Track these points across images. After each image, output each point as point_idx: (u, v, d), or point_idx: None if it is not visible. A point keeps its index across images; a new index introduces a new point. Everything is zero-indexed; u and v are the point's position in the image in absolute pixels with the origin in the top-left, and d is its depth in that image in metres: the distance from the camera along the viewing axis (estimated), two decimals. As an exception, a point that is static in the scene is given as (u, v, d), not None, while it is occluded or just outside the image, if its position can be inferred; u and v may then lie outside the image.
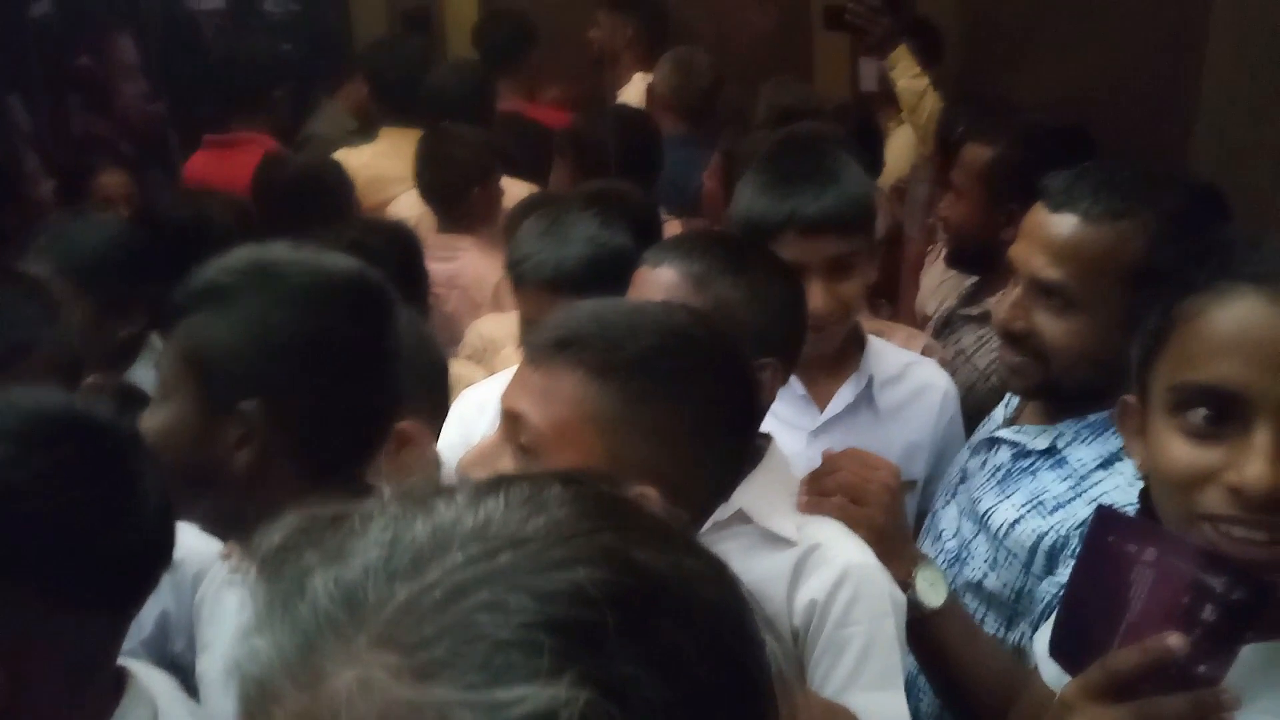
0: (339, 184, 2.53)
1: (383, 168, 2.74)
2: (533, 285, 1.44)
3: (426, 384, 1.42)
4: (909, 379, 1.45)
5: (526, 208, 1.95)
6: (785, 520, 1.06)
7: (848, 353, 1.42)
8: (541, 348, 0.87)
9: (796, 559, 1.03)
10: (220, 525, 1.01)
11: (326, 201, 2.48)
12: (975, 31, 3.20)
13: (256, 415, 0.88)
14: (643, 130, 2.49)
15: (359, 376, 0.93)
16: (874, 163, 2.63)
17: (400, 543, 0.40)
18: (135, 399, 1.31)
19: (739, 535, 1.04)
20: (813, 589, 1.02)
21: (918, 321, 2.15)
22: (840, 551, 1.04)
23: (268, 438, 0.89)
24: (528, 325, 1.49)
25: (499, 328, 1.96)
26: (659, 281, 1.13)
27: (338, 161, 2.65)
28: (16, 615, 0.70)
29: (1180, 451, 0.72)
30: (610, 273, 1.40)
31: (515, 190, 2.58)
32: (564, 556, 0.40)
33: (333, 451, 0.94)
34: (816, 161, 1.40)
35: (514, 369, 1.59)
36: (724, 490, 0.96)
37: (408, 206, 2.57)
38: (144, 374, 1.64)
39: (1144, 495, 0.85)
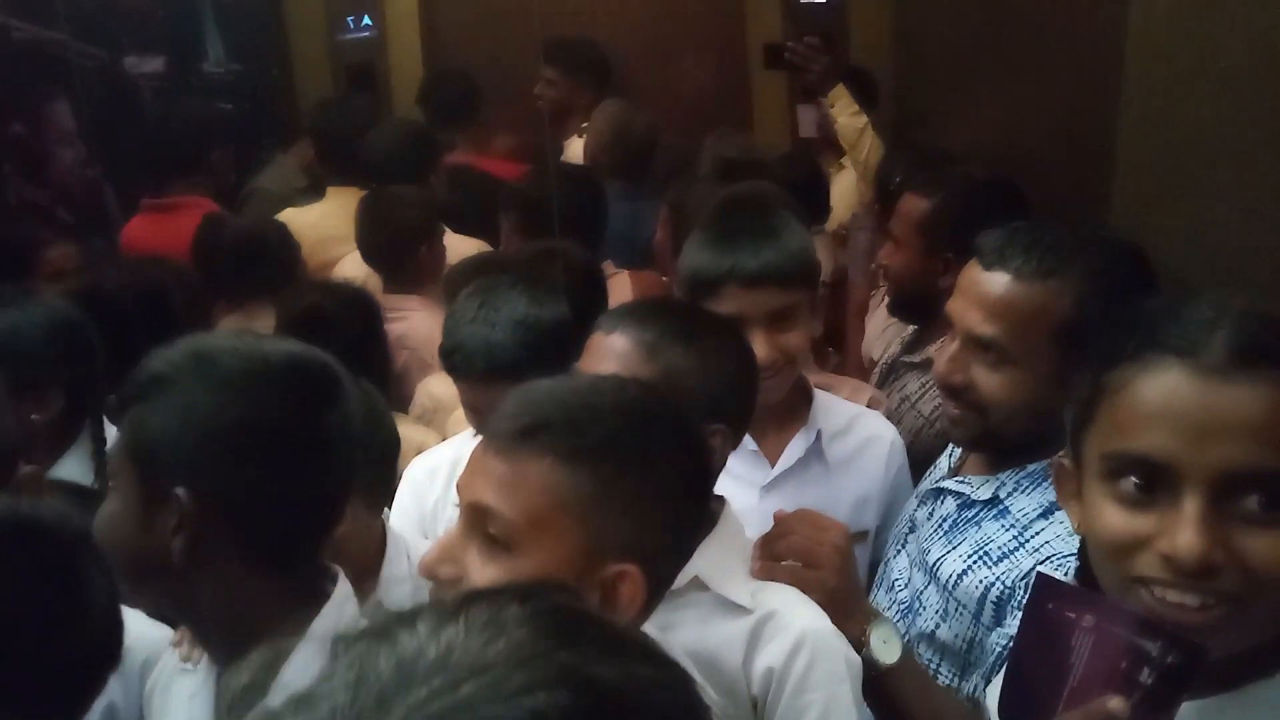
0: (285, 245, 2.52)
1: (330, 227, 2.72)
2: (467, 377, 1.45)
3: (376, 458, 1.41)
4: (856, 431, 1.48)
5: (466, 272, 1.96)
6: (740, 587, 1.07)
7: (796, 407, 1.45)
8: (505, 437, 0.87)
9: (752, 626, 1.05)
10: (170, 613, 1.00)
11: (272, 263, 2.46)
12: (907, 80, 3.30)
13: (187, 502, 0.88)
14: (587, 187, 2.51)
15: (298, 461, 0.93)
16: (820, 209, 2.70)
17: (365, 682, 0.41)
18: (69, 492, 1.28)
19: (696, 603, 1.06)
20: (770, 656, 1.03)
21: (865, 366, 2.20)
22: (796, 618, 1.05)
23: (201, 524, 0.89)
24: (471, 411, 1.48)
25: (448, 388, 1.95)
26: (611, 349, 1.14)
27: (282, 222, 2.63)
28: None
29: (1113, 518, 0.75)
30: (545, 350, 1.43)
31: (462, 246, 2.58)
32: (523, 682, 0.41)
33: (278, 537, 0.94)
34: (757, 218, 1.44)
35: (465, 435, 1.61)
36: (686, 556, 0.97)
37: (353, 267, 2.56)
38: (74, 466, 1.58)
39: (1083, 550, 0.88)
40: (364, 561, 1.26)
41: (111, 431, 1.63)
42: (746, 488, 1.37)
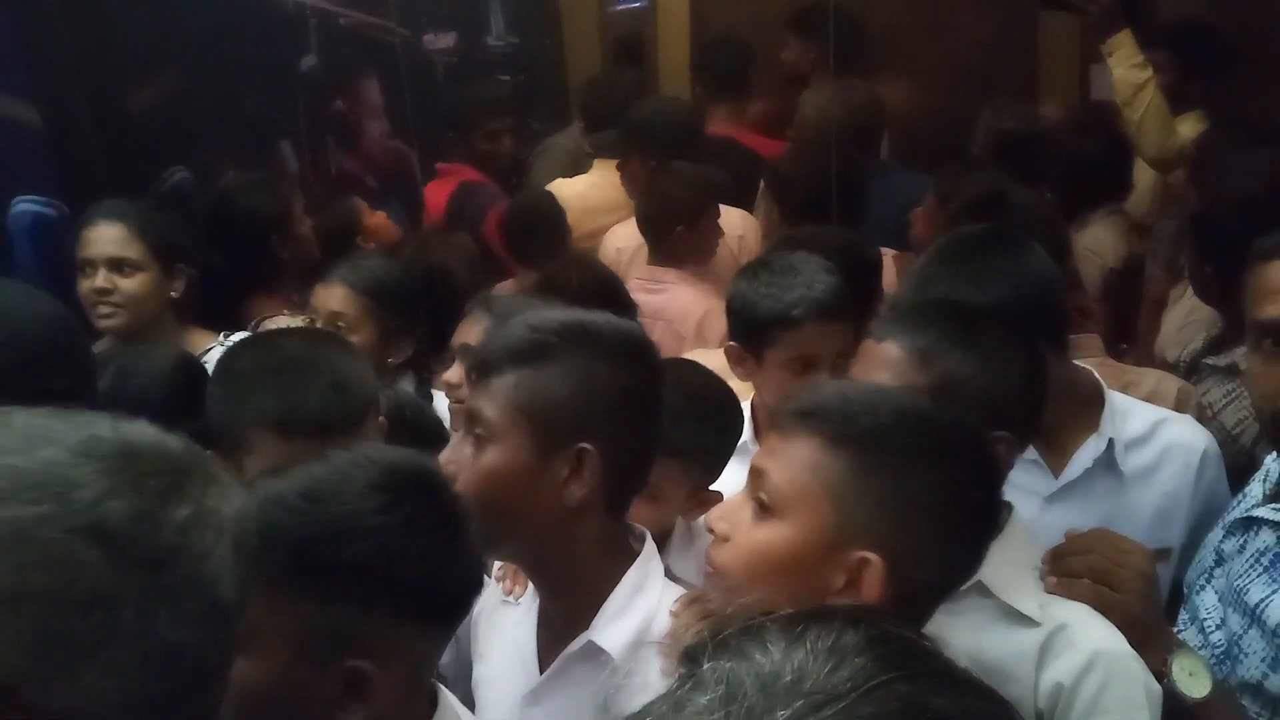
0: (552, 216, 2.65)
1: (595, 199, 2.84)
2: (812, 322, 1.48)
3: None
4: (1159, 438, 1.35)
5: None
6: (1027, 597, 1.03)
7: (1086, 411, 1.34)
8: (786, 415, 0.95)
9: (1043, 639, 1.00)
10: (516, 558, 1.12)
11: (542, 232, 2.62)
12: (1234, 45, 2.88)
13: (592, 455, 1.01)
14: (851, 169, 2.43)
15: (653, 423, 1.07)
16: (1118, 185, 2.44)
17: (735, 699, 0.45)
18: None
19: (977, 608, 1.02)
20: (1059, 672, 0.99)
21: (1156, 365, 1.99)
22: (1089, 635, 1.00)
23: (603, 468, 1.02)
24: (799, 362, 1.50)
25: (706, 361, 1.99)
26: (884, 356, 1.12)
27: (550, 195, 2.75)
28: (382, 627, 0.84)
29: None
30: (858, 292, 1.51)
31: (725, 217, 2.59)
32: (872, 713, 0.44)
33: (626, 490, 1.07)
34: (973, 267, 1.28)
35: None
36: (964, 570, 0.94)
37: (624, 237, 2.64)
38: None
39: None
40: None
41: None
42: (1027, 498, 1.28)
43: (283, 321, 2.20)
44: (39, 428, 0.59)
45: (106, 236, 1.94)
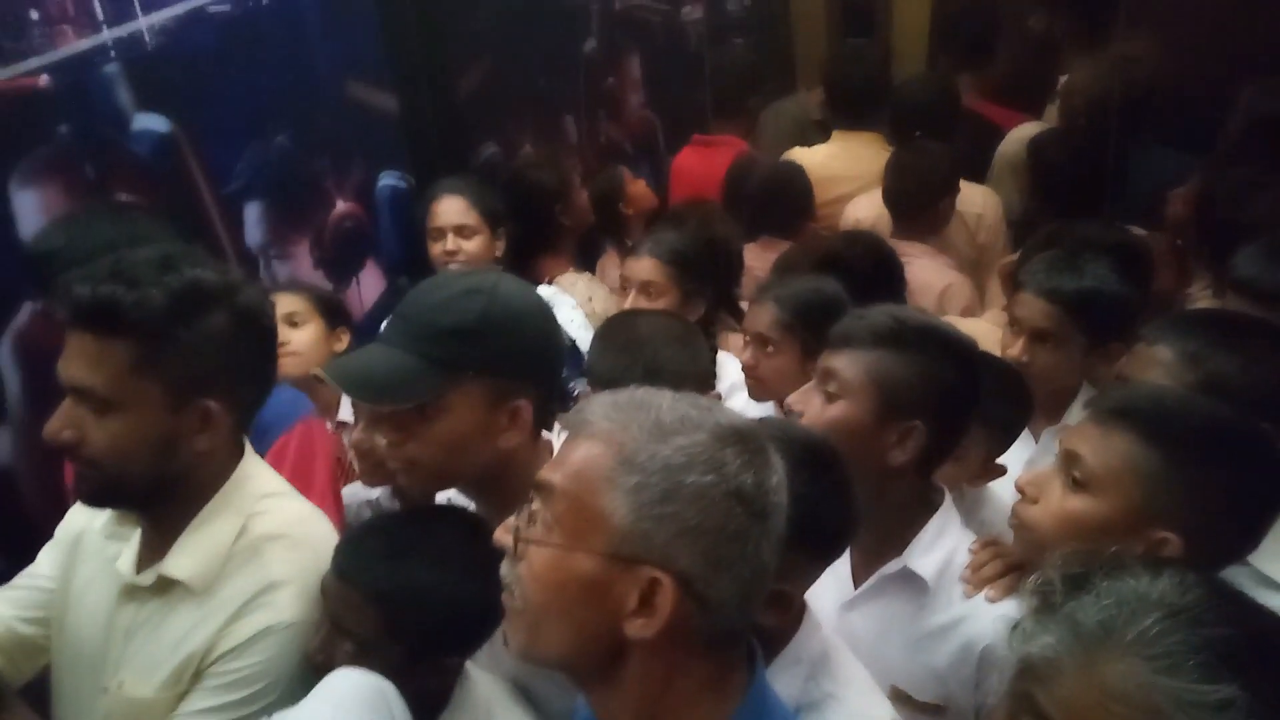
0: (802, 187, 2.84)
1: (835, 168, 2.99)
2: (1032, 289, 1.67)
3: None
4: None
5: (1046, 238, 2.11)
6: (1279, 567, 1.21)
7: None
8: (1105, 411, 1.13)
9: None
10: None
11: (791, 201, 2.82)
12: None
13: (919, 430, 1.26)
14: (1120, 151, 2.48)
15: (966, 413, 1.31)
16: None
17: (1123, 605, 0.74)
18: None
19: (1234, 574, 1.20)
20: None
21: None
22: None
23: (925, 443, 1.26)
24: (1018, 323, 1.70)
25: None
26: (1155, 358, 1.31)
27: (800, 166, 2.92)
28: (799, 561, 1.03)
29: None
30: (1106, 311, 1.63)
31: (968, 193, 2.69)
32: (1212, 619, 0.73)
33: (937, 459, 1.32)
34: None
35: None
36: (1245, 549, 1.13)
37: (866, 208, 2.80)
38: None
39: None
40: None
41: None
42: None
43: (571, 278, 2.57)
44: (681, 414, 0.88)
45: (451, 208, 2.35)
